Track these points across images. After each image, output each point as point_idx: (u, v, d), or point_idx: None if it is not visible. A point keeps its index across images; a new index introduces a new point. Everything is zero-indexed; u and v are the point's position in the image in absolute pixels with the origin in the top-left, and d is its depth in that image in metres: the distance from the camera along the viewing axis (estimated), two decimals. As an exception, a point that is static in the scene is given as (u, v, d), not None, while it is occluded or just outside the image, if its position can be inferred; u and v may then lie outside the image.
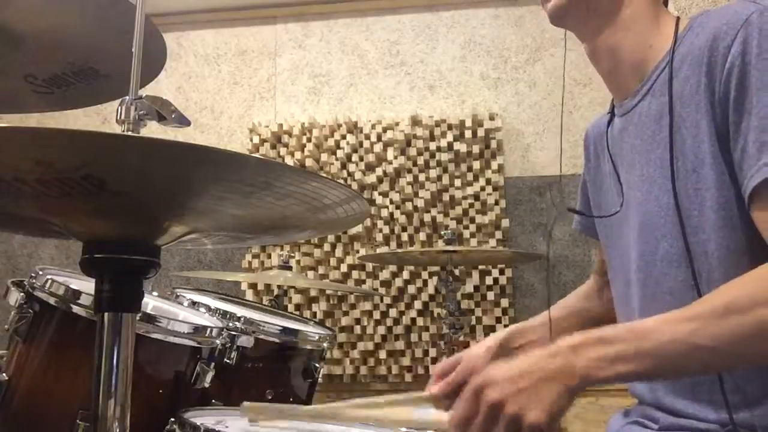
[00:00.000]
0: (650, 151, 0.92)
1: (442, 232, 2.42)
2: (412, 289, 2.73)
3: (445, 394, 0.80)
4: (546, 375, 0.70)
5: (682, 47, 0.89)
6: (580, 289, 1.29)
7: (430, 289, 2.71)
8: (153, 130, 0.77)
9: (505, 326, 2.67)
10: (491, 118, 2.82)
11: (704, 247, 0.85)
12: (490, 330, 2.69)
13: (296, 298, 2.76)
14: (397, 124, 2.85)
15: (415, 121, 2.84)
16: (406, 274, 2.74)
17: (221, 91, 3.12)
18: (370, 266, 2.75)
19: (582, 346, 0.72)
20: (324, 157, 2.89)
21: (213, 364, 1.22)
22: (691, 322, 0.72)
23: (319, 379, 1.61)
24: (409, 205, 2.78)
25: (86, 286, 1.06)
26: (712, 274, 0.84)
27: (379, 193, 2.81)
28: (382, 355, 2.72)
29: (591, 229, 1.18)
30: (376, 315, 2.74)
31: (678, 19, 0.94)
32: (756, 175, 0.77)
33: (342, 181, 2.23)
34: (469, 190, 2.78)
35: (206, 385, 1.21)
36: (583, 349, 0.72)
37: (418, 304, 2.72)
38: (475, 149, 2.80)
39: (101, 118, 3.07)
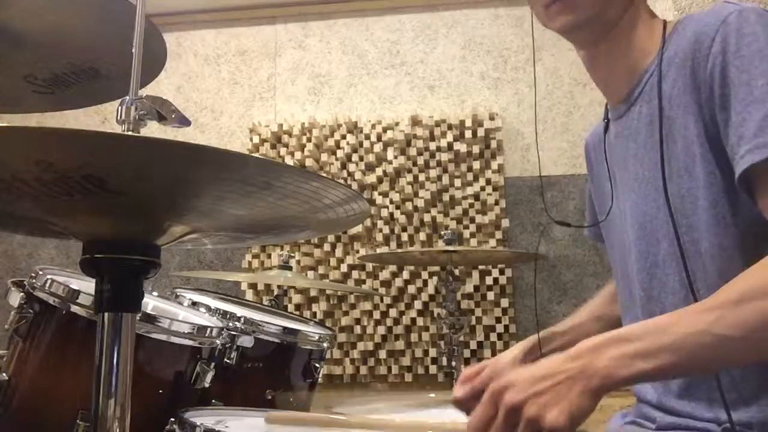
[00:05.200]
0: (644, 154, 0.94)
1: (442, 232, 2.41)
2: (412, 289, 2.73)
3: (467, 399, 0.79)
4: (566, 377, 0.69)
5: (669, 50, 0.90)
6: (604, 291, 1.27)
7: (430, 289, 2.71)
8: (153, 130, 0.77)
9: (505, 326, 2.68)
10: (491, 118, 2.82)
11: (698, 246, 0.86)
12: (490, 330, 2.69)
13: (296, 298, 2.76)
14: (397, 124, 2.85)
15: (415, 121, 2.84)
16: (406, 274, 2.74)
17: (221, 91, 3.12)
18: (370, 266, 2.75)
19: (602, 346, 0.71)
20: (324, 157, 2.89)
21: (213, 364, 1.22)
22: (709, 313, 0.70)
23: (319, 379, 1.61)
24: (409, 205, 2.78)
25: (86, 286, 1.06)
26: (706, 272, 0.85)
27: (379, 193, 2.81)
28: (382, 355, 2.72)
29: (601, 236, 1.18)
30: (376, 315, 2.74)
31: (665, 22, 0.95)
32: (740, 163, 0.78)
33: (342, 181, 2.23)
34: (469, 190, 2.78)
35: (206, 385, 1.21)
36: (602, 350, 0.70)
37: (418, 304, 2.72)
38: (475, 149, 2.80)
39: (101, 118, 3.07)
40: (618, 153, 1.01)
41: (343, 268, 2.78)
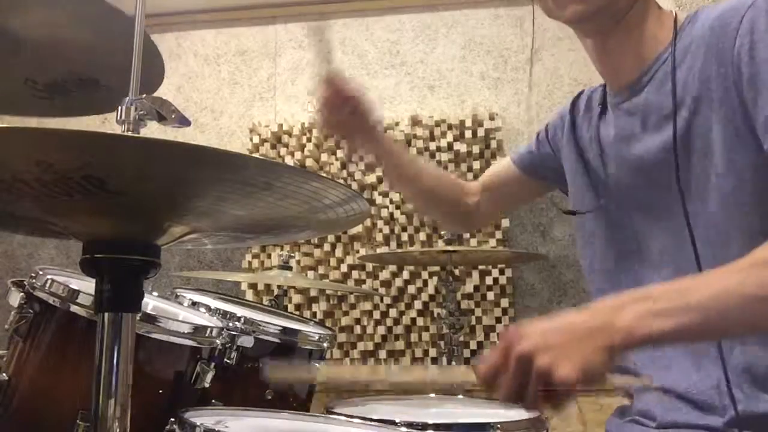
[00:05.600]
0: (653, 138, 0.94)
1: (442, 232, 2.41)
2: (412, 289, 2.73)
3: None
4: (583, 332, 0.68)
5: (685, 38, 0.91)
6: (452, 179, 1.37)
7: (430, 289, 2.71)
8: (153, 130, 0.77)
9: (505, 326, 2.67)
10: (491, 118, 2.82)
11: (712, 232, 0.86)
12: (490, 330, 2.69)
13: (296, 298, 2.76)
14: (397, 124, 2.85)
15: (415, 121, 2.84)
16: (406, 274, 2.74)
17: (221, 91, 3.12)
18: (370, 266, 2.75)
19: (625, 304, 0.69)
20: (324, 157, 2.89)
21: (213, 364, 1.22)
22: (738, 273, 0.69)
23: (319, 379, 1.60)
24: (409, 205, 2.77)
25: (86, 286, 1.06)
26: (720, 259, 0.85)
27: (379, 193, 2.81)
28: (382, 355, 2.72)
29: (530, 167, 1.27)
30: (376, 315, 2.74)
31: (676, 13, 0.96)
32: None
33: (342, 181, 2.23)
34: (469, 190, 2.78)
35: (206, 385, 1.21)
36: (625, 307, 0.69)
37: (418, 304, 2.72)
38: (475, 149, 2.80)
39: (101, 118, 3.05)
40: (615, 139, 1.01)
41: (343, 268, 2.78)
